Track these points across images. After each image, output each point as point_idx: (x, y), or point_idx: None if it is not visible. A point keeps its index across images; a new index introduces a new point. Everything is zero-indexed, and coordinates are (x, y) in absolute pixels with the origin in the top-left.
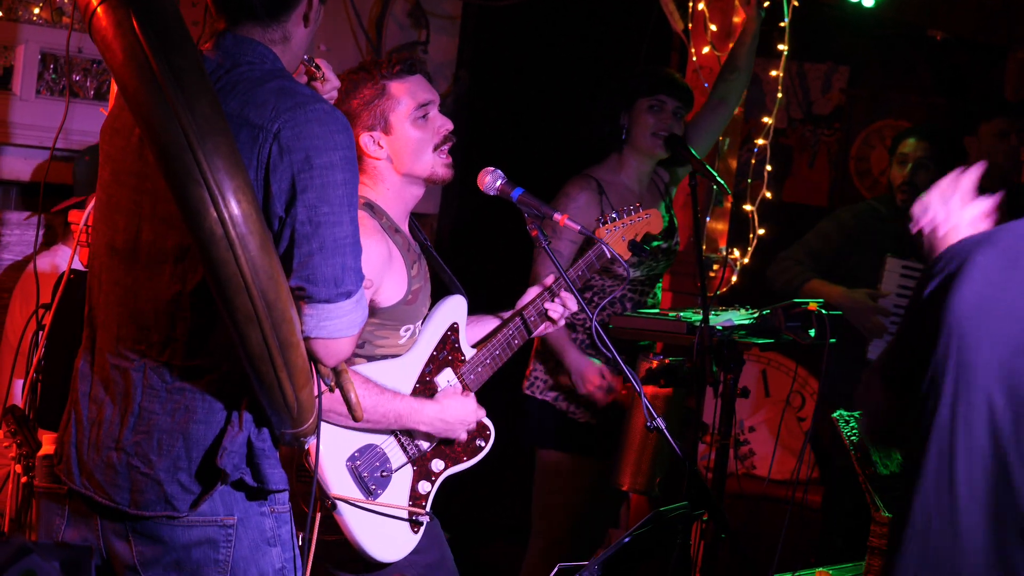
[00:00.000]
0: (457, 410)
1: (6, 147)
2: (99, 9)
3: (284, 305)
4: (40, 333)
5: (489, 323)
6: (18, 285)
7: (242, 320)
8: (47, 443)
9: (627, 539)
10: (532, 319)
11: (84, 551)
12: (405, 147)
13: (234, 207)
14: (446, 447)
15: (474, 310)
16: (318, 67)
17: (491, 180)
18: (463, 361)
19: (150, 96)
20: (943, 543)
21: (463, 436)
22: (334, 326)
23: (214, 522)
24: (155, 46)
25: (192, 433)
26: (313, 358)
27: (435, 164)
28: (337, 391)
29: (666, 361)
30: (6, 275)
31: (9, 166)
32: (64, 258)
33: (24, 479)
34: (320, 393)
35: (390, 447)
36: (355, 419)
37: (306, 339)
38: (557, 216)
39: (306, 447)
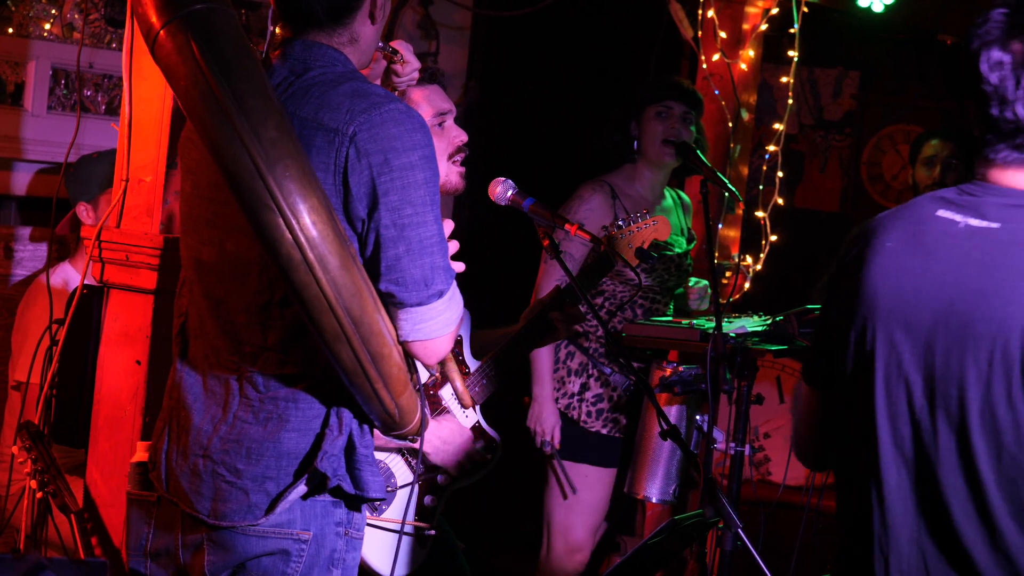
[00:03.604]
0: (453, 435)
1: (18, 163)
2: (161, 33)
3: (371, 319)
4: (54, 348)
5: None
6: (24, 296)
7: (331, 339)
8: (140, 450)
9: (641, 547)
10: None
11: (99, 567)
12: None
13: (310, 229)
14: None
15: (487, 320)
16: (395, 51)
17: (502, 190)
18: (467, 374)
19: (215, 124)
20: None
21: (454, 464)
22: (430, 327)
23: (290, 535)
24: (216, 72)
25: (284, 441)
26: (413, 359)
27: (448, 173)
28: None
29: (679, 369)
30: (19, 290)
31: (21, 182)
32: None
33: (39, 495)
34: (421, 386)
35: (395, 463)
36: (463, 406)
37: (404, 343)
38: (568, 226)
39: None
